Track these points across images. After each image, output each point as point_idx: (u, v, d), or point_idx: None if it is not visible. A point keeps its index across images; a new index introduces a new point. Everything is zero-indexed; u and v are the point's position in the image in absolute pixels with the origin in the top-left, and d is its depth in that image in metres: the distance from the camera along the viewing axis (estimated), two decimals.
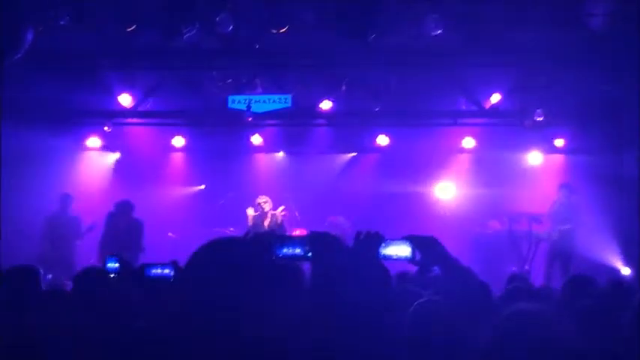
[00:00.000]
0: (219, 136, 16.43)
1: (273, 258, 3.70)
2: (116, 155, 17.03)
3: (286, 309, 2.93)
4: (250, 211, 14.20)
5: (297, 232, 14.01)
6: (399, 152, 16.62)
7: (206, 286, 2.74)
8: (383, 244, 4.00)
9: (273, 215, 14.44)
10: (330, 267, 3.53)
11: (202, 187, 16.32)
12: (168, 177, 17.17)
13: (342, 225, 14.52)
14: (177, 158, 17.48)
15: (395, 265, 3.98)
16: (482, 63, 14.57)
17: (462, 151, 17.06)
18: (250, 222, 14.12)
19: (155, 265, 4.91)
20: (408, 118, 16.22)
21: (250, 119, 15.37)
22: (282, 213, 14.61)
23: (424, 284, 5.59)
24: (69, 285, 6.87)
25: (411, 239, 4.05)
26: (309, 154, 16.96)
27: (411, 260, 4.04)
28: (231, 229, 15.32)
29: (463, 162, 16.99)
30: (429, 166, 16.75)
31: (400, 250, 4.01)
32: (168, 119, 16.65)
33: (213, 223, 15.76)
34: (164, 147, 17.14)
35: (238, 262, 2.82)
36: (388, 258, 3.98)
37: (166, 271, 4.89)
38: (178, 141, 17.16)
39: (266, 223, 14.25)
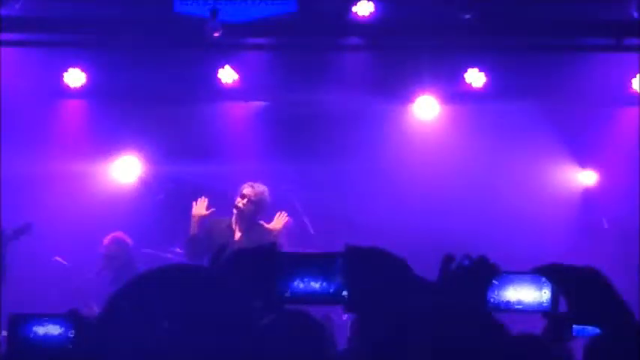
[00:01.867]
0: (157, 68, 11.51)
1: (278, 298, 2.88)
2: None
3: None
4: (199, 208, 9.71)
5: None
6: (506, 101, 11.70)
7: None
8: (495, 282, 3.13)
9: (264, 230, 9.61)
10: (392, 324, 2.55)
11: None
12: (54, 148, 11.79)
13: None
14: (73, 110, 12.29)
15: None
16: None
17: (632, 98, 11.87)
18: (193, 227, 9.73)
19: (40, 319, 3.80)
20: (524, 37, 11.62)
21: (217, 35, 10.94)
22: (280, 225, 9.80)
23: None
24: None
25: (550, 274, 3.08)
26: (332, 105, 11.95)
27: (548, 313, 3.14)
28: (178, 250, 10.97)
29: (629, 119, 12.04)
30: (560, 126, 11.84)
31: (529, 293, 3.14)
32: (57, 34, 11.85)
33: (144, 238, 10.98)
34: (49, 88, 11.91)
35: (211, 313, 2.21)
36: (506, 308, 3.13)
37: (57, 329, 3.72)
38: (75, 77, 11.84)
39: (237, 236, 9.63)
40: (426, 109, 12.27)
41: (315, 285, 2.95)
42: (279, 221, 9.72)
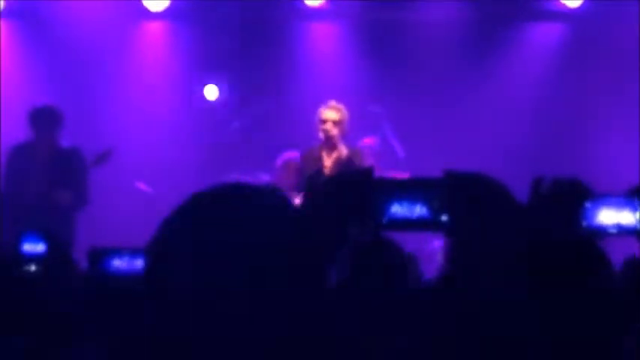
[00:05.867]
0: None
1: (376, 224, 2.84)
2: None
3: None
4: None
5: None
6: (604, 22, 11.09)
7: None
8: (588, 204, 3.20)
9: (342, 155, 8.94)
10: (490, 246, 2.55)
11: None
12: (135, 71, 11.57)
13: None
14: (154, 33, 11.99)
15: None
16: None
17: None
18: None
19: (119, 252, 3.84)
20: None
21: None
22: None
23: None
24: None
25: None
26: (421, 24, 11.45)
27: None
28: (263, 176, 10.28)
29: None
30: None
31: (623, 215, 3.16)
32: None
33: (226, 164, 10.54)
34: (128, 12, 11.49)
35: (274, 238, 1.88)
36: (599, 229, 3.19)
37: (139, 263, 3.78)
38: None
39: (328, 163, 8.91)
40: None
41: (414, 210, 2.90)
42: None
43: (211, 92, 11.25)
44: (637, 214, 3.23)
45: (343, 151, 8.90)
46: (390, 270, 3.53)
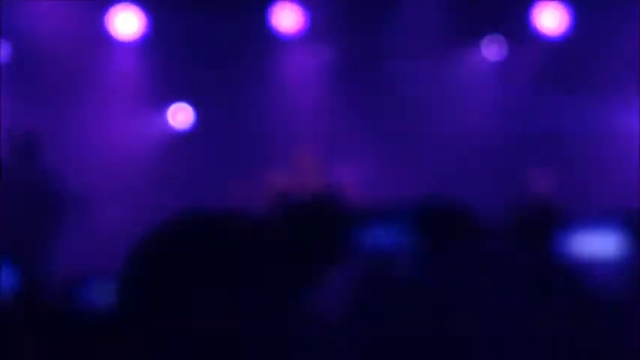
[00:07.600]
0: (209, 14, 11.27)
1: (342, 254, 2.72)
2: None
3: None
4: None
5: None
6: (584, 47, 11.14)
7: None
8: (562, 228, 3.04)
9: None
10: (456, 277, 1.92)
11: None
12: (109, 94, 11.45)
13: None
14: (126, 57, 11.84)
15: None
16: None
17: None
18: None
19: (95, 281, 3.70)
20: None
21: None
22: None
23: None
24: None
25: (622, 219, 2.94)
26: (396, 47, 11.41)
27: (620, 262, 2.90)
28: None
29: None
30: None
31: (598, 242, 2.95)
32: None
33: (197, 189, 10.47)
34: (100, 34, 11.50)
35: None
36: (575, 256, 3.00)
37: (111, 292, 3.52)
38: (128, 21, 11.49)
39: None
40: (494, 51, 11.51)
41: (383, 240, 2.82)
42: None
43: (181, 117, 11.20)
44: (614, 239, 3.03)
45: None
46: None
